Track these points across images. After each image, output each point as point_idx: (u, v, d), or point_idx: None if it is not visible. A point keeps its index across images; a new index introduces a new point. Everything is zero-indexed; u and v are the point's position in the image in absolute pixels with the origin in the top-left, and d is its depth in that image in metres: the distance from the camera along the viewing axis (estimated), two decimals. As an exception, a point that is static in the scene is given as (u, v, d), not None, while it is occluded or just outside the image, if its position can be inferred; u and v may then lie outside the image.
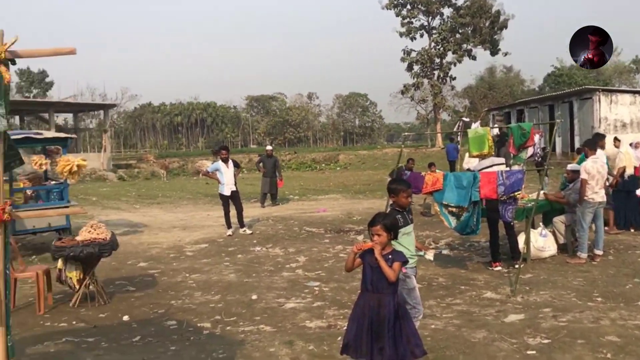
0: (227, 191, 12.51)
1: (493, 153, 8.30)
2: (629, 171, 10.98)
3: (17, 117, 44.00)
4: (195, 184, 29.81)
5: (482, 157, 8.53)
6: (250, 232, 12.64)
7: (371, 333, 3.99)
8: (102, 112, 47.96)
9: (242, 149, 75.92)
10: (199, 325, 6.24)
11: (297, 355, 5.09)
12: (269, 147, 19.51)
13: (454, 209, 7.86)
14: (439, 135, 46.73)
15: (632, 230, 10.93)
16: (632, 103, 30.31)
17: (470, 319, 6.04)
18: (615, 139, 13.89)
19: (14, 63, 2.20)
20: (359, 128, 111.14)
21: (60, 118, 54.63)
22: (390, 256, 4.07)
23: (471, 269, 8.60)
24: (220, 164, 12.64)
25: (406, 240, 4.81)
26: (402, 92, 58.15)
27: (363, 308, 4.08)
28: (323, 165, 45.74)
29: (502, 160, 8.59)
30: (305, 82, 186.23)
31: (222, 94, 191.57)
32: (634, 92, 31.78)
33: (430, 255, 6.38)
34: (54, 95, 69.60)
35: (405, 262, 4.12)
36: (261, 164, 18.08)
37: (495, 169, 8.09)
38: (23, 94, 74.03)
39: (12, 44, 2.17)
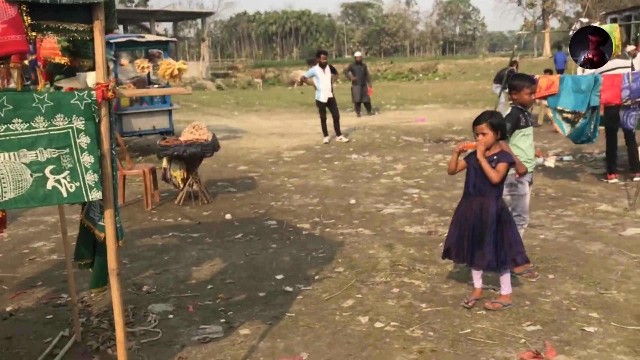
0: (323, 97, 12.34)
1: (620, 53, 7.44)
2: None
3: (120, 27, 45.50)
4: (291, 93, 29.89)
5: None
6: (347, 139, 12.52)
7: (472, 237, 3.82)
8: (199, 21, 48.51)
9: (337, 59, 74.78)
10: (298, 226, 6.29)
11: (397, 259, 5.00)
12: (357, 54, 18.74)
13: (569, 115, 7.22)
14: (546, 43, 43.49)
15: None
16: None
17: (584, 231, 5.65)
18: None
19: None
20: (459, 37, 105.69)
21: (160, 27, 55.95)
22: (495, 157, 3.77)
23: (583, 180, 8.03)
24: (317, 69, 12.38)
25: (524, 143, 4.45)
26: (509, -3, 54.07)
27: (465, 212, 3.89)
28: (421, 75, 44.23)
29: (628, 62, 7.71)
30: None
31: (316, 1, 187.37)
32: None
33: (551, 162, 5.93)
34: (154, 4, 71.12)
35: (512, 163, 3.80)
36: (350, 72, 17.54)
37: (619, 72, 7.29)
38: (125, 4, 76.19)
39: None
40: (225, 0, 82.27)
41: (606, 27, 7.17)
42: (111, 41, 10.16)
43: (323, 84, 12.29)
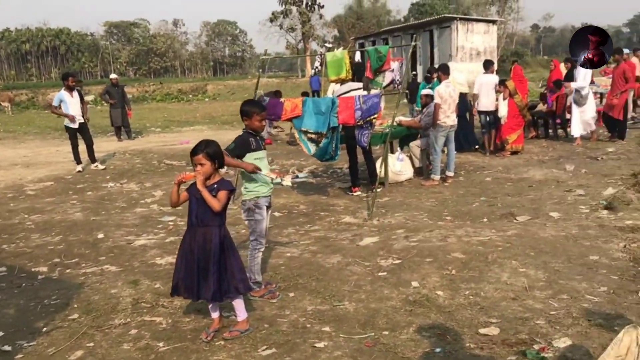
0: (74, 123, 11.38)
1: (350, 77, 8.14)
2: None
3: None
4: (46, 118, 27.22)
5: (340, 81, 8.37)
6: (103, 167, 11.73)
7: (198, 270, 3.73)
8: None
9: (103, 80, 70.67)
10: (33, 270, 5.61)
11: (141, 295, 4.72)
12: (113, 76, 17.71)
13: (313, 135, 7.68)
14: (308, 65, 46.53)
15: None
16: (486, 32, 31.93)
17: (326, 245, 5.99)
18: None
19: None
20: (229, 58, 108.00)
21: None
22: (215, 185, 3.77)
23: (332, 195, 8.60)
24: (63, 93, 11.35)
25: (261, 164, 4.52)
26: (271, 20, 56.86)
27: (190, 244, 3.79)
28: (190, 96, 43.89)
29: (360, 85, 8.47)
30: (170, 7, 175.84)
31: (75, 19, 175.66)
32: (488, 22, 33.51)
33: (287, 181, 6.16)
34: None
35: (232, 190, 3.82)
36: (107, 95, 16.58)
37: (353, 94, 7.97)
38: None
39: None
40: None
41: (337, 53, 7.80)
42: None
43: (72, 109, 11.31)
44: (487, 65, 11.28)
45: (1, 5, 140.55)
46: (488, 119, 11.06)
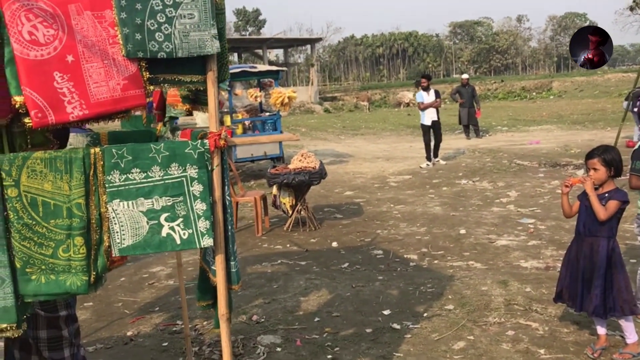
0: (427, 121, 12.36)
1: None
2: None
3: (235, 55, 47.85)
4: (397, 115, 29.75)
5: None
6: (444, 162, 12.58)
7: (583, 280, 3.59)
8: (309, 46, 49.91)
9: (445, 79, 73.61)
10: (405, 256, 6.16)
11: (512, 297, 4.72)
12: (464, 76, 18.25)
13: None
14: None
15: None
16: None
17: None
18: None
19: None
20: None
21: (272, 54, 58.19)
22: (607, 194, 3.51)
23: None
24: (422, 93, 12.41)
25: None
26: (631, 8, 50.39)
27: (577, 253, 3.67)
28: (534, 93, 42.29)
29: None
30: (515, 4, 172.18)
31: (424, 22, 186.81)
32: None
33: None
34: (266, 32, 74.13)
35: (625, 202, 3.49)
36: (457, 95, 17.10)
37: None
38: (240, 32, 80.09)
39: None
40: (334, 26, 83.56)
41: None
42: (225, 72, 10.65)
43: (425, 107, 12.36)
44: None
45: (363, 15, 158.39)
46: None
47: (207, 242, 2.04)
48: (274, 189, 7.53)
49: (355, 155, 14.78)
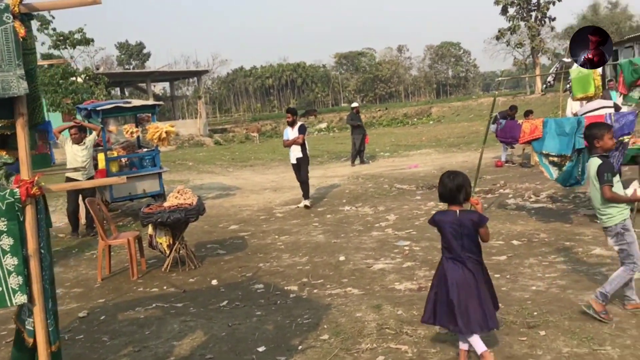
0: (292, 158, 11.11)
1: (600, 94, 7.42)
2: None
3: (117, 89, 46.29)
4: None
5: (587, 99, 7.68)
6: (309, 205, 10.91)
7: (452, 300, 3.74)
8: (196, 79, 49.39)
9: (334, 108, 75.67)
10: (285, 288, 6.13)
11: (384, 321, 4.82)
12: (354, 104, 19.06)
13: (555, 159, 7.17)
14: (538, 80, 43.80)
15: None
16: None
17: (576, 279, 5.48)
18: None
19: (30, 18, 2.00)
20: (452, 79, 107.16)
21: (158, 87, 56.93)
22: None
23: (576, 222, 7.88)
24: (287, 129, 11.21)
25: (619, 189, 4.47)
26: (497, 38, 54.78)
27: (445, 273, 3.83)
28: (415, 119, 44.52)
29: (611, 102, 7.69)
30: (395, 35, 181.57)
31: (311, 53, 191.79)
32: None
33: None
34: (151, 65, 72.29)
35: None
36: (353, 120, 17.80)
37: (603, 112, 7.26)
38: (123, 66, 77.71)
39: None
40: (219, 58, 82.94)
41: (584, 69, 7.18)
42: (98, 108, 10.22)
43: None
44: None
45: (250, 47, 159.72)
46: None
47: (20, 299, 1.88)
48: (150, 229, 7.25)
49: (243, 188, 14.66)
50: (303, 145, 10.89)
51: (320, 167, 18.48)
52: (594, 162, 4.48)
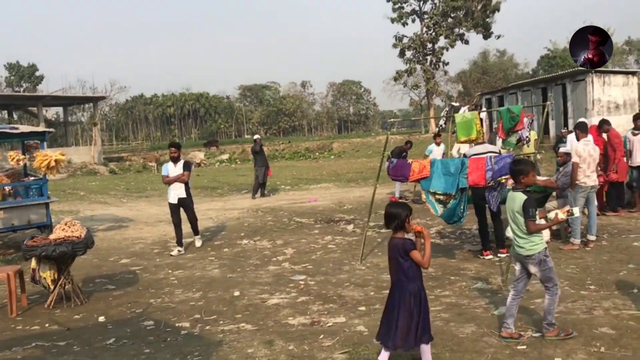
0: (173, 198, 9.90)
1: (482, 138, 8.01)
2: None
3: (5, 112, 43.50)
4: (187, 176, 29.39)
5: (470, 142, 8.26)
6: (200, 244, 10.38)
7: (397, 320, 4.20)
8: (92, 104, 47.48)
9: (236, 139, 75.52)
10: (177, 325, 5.98)
11: (275, 357, 4.84)
12: (256, 136, 19.30)
13: (441, 197, 7.61)
14: (432, 121, 46.28)
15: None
16: (625, 84, 29.99)
17: (459, 312, 5.80)
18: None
19: None
20: (353, 116, 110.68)
21: (50, 112, 54.12)
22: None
23: (461, 258, 8.36)
24: (168, 165, 10.05)
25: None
26: (395, 79, 57.62)
27: (393, 297, 4.32)
28: (317, 154, 45.37)
29: (497, 148, 8.32)
30: (299, 70, 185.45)
31: (215, 84, 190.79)
32: (627, 73, 31.47)
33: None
34: (43, 89, 68.55)
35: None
36: (256, 153, 17.96)
37: (487, 155, 7.82)
38: (13, 89, 73.24)
39: None
40: (118, 84, 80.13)
41: (467, 114, 7.74)
42: (-20, 134, 9.57)
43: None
44: (636, 119, 10.64)
45: (152, 75, 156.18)
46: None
47: None
48: (33, 262, 6.84)
49: (137, 220, 14.19)
50: (187, 184, 9.88)
51: (219, 199, 18.31)
52: (519, 197, 4.82)
